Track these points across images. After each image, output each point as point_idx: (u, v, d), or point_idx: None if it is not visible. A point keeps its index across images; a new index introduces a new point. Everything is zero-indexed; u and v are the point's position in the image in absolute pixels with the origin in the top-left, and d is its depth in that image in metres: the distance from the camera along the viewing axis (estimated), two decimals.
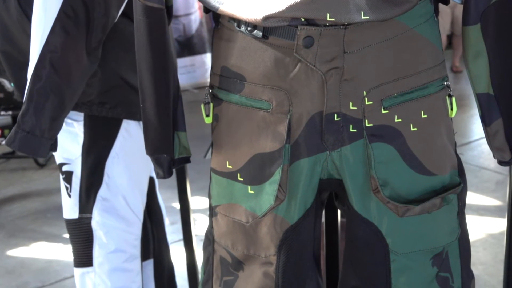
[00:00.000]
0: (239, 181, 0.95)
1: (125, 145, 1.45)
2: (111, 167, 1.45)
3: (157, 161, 1.00)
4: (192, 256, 1.73)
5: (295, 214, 0.95)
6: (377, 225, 0.93)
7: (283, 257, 0.97)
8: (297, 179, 0.92)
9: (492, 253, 2.70)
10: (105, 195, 1.45)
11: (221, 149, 0.98)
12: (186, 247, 1.72)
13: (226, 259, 1.03)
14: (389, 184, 0.90)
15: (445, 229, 0.97)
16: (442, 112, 0.94)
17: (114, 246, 1.47)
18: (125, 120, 1.43)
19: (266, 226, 0.96)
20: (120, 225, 1.47)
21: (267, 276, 0.98)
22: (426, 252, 0.96)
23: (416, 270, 0.96)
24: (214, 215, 1.03)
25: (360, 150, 0.90)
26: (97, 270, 1.48)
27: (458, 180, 0.97)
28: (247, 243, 0.98)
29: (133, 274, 1.52)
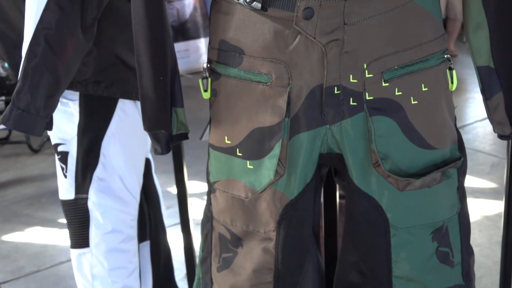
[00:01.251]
0: (238, 156, 0.94)
1: (121, 125, 1.43)
2: (107, 147, 1.43)
3: (155, 137, 0.99)
4: (189, 239, 1.72)
5: (295, 189, 0.94)
6: (377, 200, 0.93)
7: (283, 232, 0.96)
8: (297, 153, 0.92)
9: (488, 235, 2.71)
10: (101, 175, 1.44)
11: (219, 124, 0.97)
12: (183, 231, 1.71)
13: (225, 236, 1.02)
14: (389, 158, 0.90)
15: (445, 204, 0.97)
16: (443, 85, 0.93)
17: (110, 227, 1.46)
18: (121, 100, 1.42)
19: (266, 202, 0.95)
20: (117, 206, 1.46)
21: (267, 252, 0.97)
22: (427, 226, 0.95)
23: (416, 245, 0.96)
24: (212, 191, 1.03)
25: (360, 123, 0.89)
26: (94, 251, 1.47)
27: (459, 154, 0.97)
28: (246, 219, 0.98)
29: (130, 254, 1.51)
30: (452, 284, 1.00)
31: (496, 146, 3.84)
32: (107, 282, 1.48)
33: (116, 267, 1.48)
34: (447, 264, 0.99)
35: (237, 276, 1.01)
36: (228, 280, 1.02)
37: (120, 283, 1.49)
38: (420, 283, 0.97)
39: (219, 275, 1.04)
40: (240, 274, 1.00)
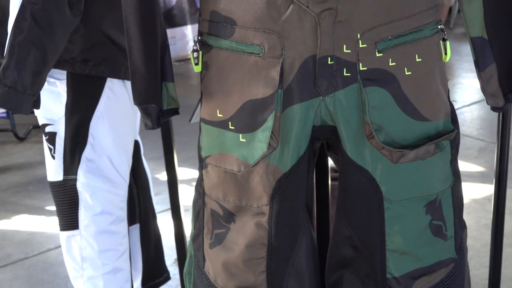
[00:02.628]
0: (230, 130, 0.93)
1: (110, 105, 1.42)
2: (95, 127, 1.41)
3: (145, 111, 0.97)
4: (180, 225, 1.70)
5: (288, 161, 0.93)
6: (371, 172, 0.92)
7: (276, 206, 0.95)
8: (290, 125, 0.91)
9: (476, 217, 2.73)
10: (90, 156, 1.42)
11: (211, 97, 0.95)
12: (173, 216, 1.69)
13: (217, 211, 1.01)
14: (383, 129, 0.89)
15: (438, 176, 0.96)
16: (436, 56, 0.93)
17: (100, 208, 1.44)
18: (109, 79, 1.40)
19: (259, 175, 0.94)
20: (106, 187, 1.45)
21: (260, 226, 0.96)
22: (420, 199, 0.95)
23: (409, 218, 0.95)
24: (204, 167, 1.01)
25: (354, 94, 0.89)
26: (83, 233, 1.45)
27: (452, 127, 0.96)
28: (239, 193, 0.96)
29: (120, 236, 1.50)
30: (445, 257, 1.00)
31: (483, 131, 3.87)
32: (97, 264, 1.47)
33: (106, 249, 1.47)
34: (441, 237, 0.98)
35: (229, 252, 1.00)
36: (220, 256, 1.01)
37: (110, 265, 1.48)
38: (413, 256, 0.97)
39: (212, 251, 1.03)
40: (233, 250, 0.99)
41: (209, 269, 1.04)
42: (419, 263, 0.97)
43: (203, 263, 1.05)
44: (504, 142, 1.62)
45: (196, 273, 1.08)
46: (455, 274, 1.01)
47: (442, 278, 1.00)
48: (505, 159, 1.66)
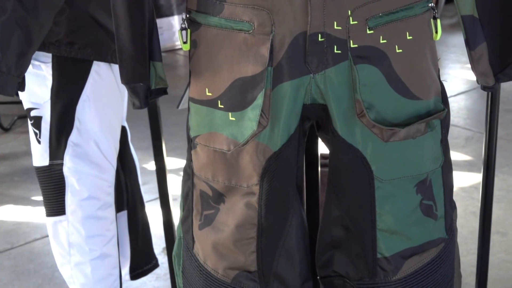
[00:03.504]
0: (220, 109, 0.92)
1: (96, 89, 1.40)
2: (82, 112, 1.40)
3: (133, 90, 0.96)
4: (169, 213, 1.68)
5: (278, 140, 0.92)
6: (362, 151, 0.91)
7: (266, 186, 0.94)
8: (280, 103, 0.90)
9: (463, 205, 2.75)
10: (76, 140, 1.40)
11: (200, 76, 0.94)
12: (162, 205, 1.67)
13: (206, 192, 1.00)
14: (374, 107, 0.88)
15: (429, 156, 0.96)
16: (427, 35, 0.92)
17: (87, 193, 1.43)
18: (96, 62, 1.38)
19: (248, 155, 0.93)
20: (93, 171, 1.43)
21: (250, 206, 0.96)
22: (411, 179, 0.95)
23: (400, 197, 0.95)
24: (193, 147, 1.00)
25: (344, 72, 0.88)
26: (70, 218, 1.44)
27: (442, 106, 0.96)
28: (228, 173, 0.95)
29: (108, 222, 1.48)
30: (435, 237, 1.00)
31: (470, 120, 3.89)
32: (84, 250, 1.45)
33: (93, 234, 1.45)
34: (431, 217, 0.98)
35: (219, 233, 0.99)
36: (210, 237, 1.00)
37: (97, 251, 1.47)
38: (404, 235, 0.97)
39: (201, 233, 1.02)
40: (223, 231, 0.98)
41: (198, 251, 1.03)
42: (410, 242, 0.97)
43: (192, 245, 1.04)
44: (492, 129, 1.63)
45: (185, 255, 1.07)
46: (446, 253, 1.01)
47: (432, 258, 0.99)
48: (493, 146, 1.67)
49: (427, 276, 1.00)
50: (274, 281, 1.00)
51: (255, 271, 0.99)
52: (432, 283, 1.00)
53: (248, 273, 0.99)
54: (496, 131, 1.64)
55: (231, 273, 1.00)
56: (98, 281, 1.48)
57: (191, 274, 1.05)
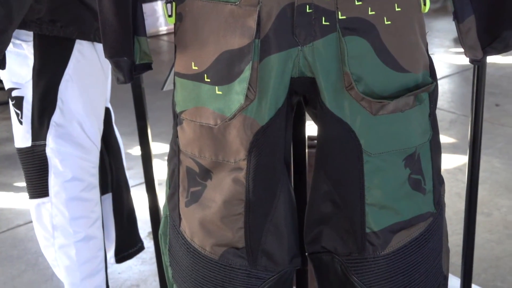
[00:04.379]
0: (206, 83, 0.90)
1: (79, 68, 1.37)
2: (64, 91, 1.37)
3: (117, 64, 0.94)
4: (154, 198, 1.66)
5: (266, 114, 0.90)
6: (350, 125, 0.90)
7: (254, 161, 0.93)
8: (268, 76, 0.88)
9: (448, 186, 2.77)
10: (59, 120, 1.38)
11: (185, 50, 0.92)
12: (148, 189, 1.65)
13: (193, 169, 0.98)
14: (363, 80, 0.87)
15: (417, 130, 0.95)
16: (416, 7, 0.91)
17: (70, 174, 1.40)
18: (78, 41, 1.36)
19: (236, 129, 0.91)
20: (77, 152, 1.41)
21: (237, 182, 0.94)
22: (399, 152, 0.94)
23: (389, 171, 0.94)
24: (179, 123, 0.98)
25: (333, 44, 0.86)
26: (54, 200, 1.41)
27: (430, 80, 0.95)
28: (215, 149, 0.94)
29: (92, 203, 1.46)
30: (424, 211, 0.99)
31: (454, 104, 3.91)
32: (68, 232, 1.43)
33: (78, 216, 1.43)
34: (419, 191, 0.98)
35: (206, 210, 0.98)
36: (197, 214, 0.99)
37: (82, 233, 1.45)
38: (392, 210, 0.96)
39: (188, 210, 1.00)
40: (210, 207, 0.97)
41: (185, 228, 1.02)
42: (398, 217, 0.97)
43: (178, 223, 1.03)
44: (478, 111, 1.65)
45: (172, 233, 1.05)
46: (434, 228, 1.01)
47: (421, 232, 0.99)
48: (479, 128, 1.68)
49: (416, 251, 0.99)
50: (262, 257, 0.99)
51: (243, 247, 0.98)
52: (420, 257, 1.00)
53: (236, 250, 0.98)
54: (482, 113, 1.65)
55: (219, 250, 0.99)
56: (83, 264, 1.46)
57: (178, 252, 1.04)
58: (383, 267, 0.98)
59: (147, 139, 1.63)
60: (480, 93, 1.59)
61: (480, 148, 1.76)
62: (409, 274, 1.00)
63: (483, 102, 1.64)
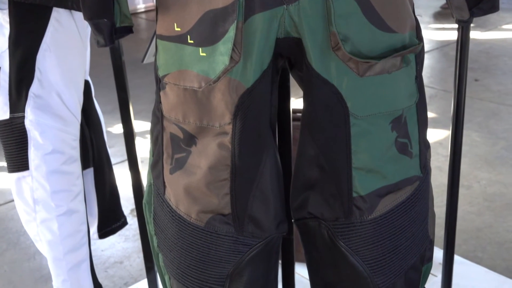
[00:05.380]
0: (190, 44, 0.88)
1: (57, 37, 1.34)
2: (42, 61, 1.34)
3: (97, 27, 0.91)
4: (137, 175, 1.64)
5: (251, 76, 0.89)
6: (337, 87, 0.89)
7: (239, 124, 0.91)
8: (253, 36, 0.86)
9: None
10: (38, 91, 1.35)
11: (167, 10, 0.90)
12: (130, 166, 1.62)
13: (176, 135, 0.96)
14: (350, 40, 0.86)
15: (404, 92, 0.94)
16: None
17: (51, 147, 1.37)
18: (55, 9, 1.32)
19: (220, 92, 0.89)
20: (56, 124, 1.37)
21: (223, 147, 0.93)
22: (386, 115, 0.93)
23: (376, 134, 0.93)
24: (162, 88, 0.96)
25: (319, 2, 0.84)
26: (34, 174, 1.39)
27: (417, 41, 0.94)
28: (200, 113, 0.92)
29: (74, 177, 1.44)
30: (410, 175, 0.99)
31: (433, 79, 3.94)
32: (50, 206, 1.41)
33: (59, 189, 1.41)
34: (406, 154, 0.97)
35: (191, 176, 0.96)
36: (182, 181, 0.97)
37: (64, 206, 1.42)
38: (379, 173, 0.95)
39: (172, 177, 0.99)
40: (195, 174, 0.95)
41: (170, 196, 1.00)
42: (385, 180, 0.96)
43: (163, 190, 1.01)
44: (461, 86, 1.66)
45: (156, 202, 1.04)
46: (420, 192, 1.01)
47: (408, 196, 0.99)
48: (462, 102, 1.70)
49: (403, 215, 0.99)
50: (248, 223, 0.98)
51: (229, 213, 0.97)
52: (407, 221, 1.00)
53: (222, 216, 0.97)
54: (465, 87, 1.67)
55: (204, 217, 0.97)
56: (66, 238, 1.44)
57: (163, 220, 1.03)
58: (370, 232, 0.98)
59: (129, 113, 1.61)
60: (463, 68, 1.60)
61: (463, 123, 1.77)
62: (396, 238, 1.00)
63: (466, 76, 1.65)
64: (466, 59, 1.62)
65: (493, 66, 4.41)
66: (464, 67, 1.64)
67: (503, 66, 4.39)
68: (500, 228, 2.58)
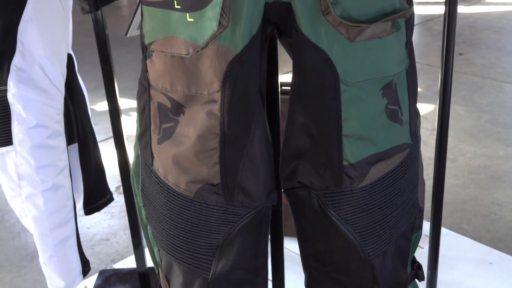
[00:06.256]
0: (176, 9, 0.86)
1: (39, 8, 1.30)
2: (24, 33, 1.30)
3: None
4: (123, 152, 1.61)
5: (240, 42, 0.87)
6: (327, 52, 0.88)
7: (228, 92, 0.89)
8: (241, 1, 0.84)
9: None
10: (20, 64, 1.32)
11: None
12: (116, 144, 1.60)
13: (164, 104, 0.95)
14: (340, 3, 0.84)
15: (394, 58, 0.93)
16: None
17: (35, 121, 1.35)
18: None
19: (209, 59, 0.88)
20: (40, 98, 1.35)
21: (211, 115, 0.91)
22: (376, 81, 0.92)
23: (366, 101, 0.92)
24: (148, 56, 0.94)
25: None
26: (18, 148, 1.36)
27: (407, 5, 0.93)
28: (188, 81, 0.90)
29: (59, 151, 1.41)
30: (401, 142, 0.98)
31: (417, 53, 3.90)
32: (35, 182, 1.39)
33: (44, 164, 1.38)
34: (396, 121, 0.96)
35: (180, 146, 0.94)
36: (170, 151, 0.96)
37: (49, 181, 1.40)
38: (370, 141, 0.95)
39: (160, 147, 0.97)
40: (183, 143, 0.94)
41: (158, 167, 0.99)
42: (376, 148, 0.95)
43: (151, 161, 1.00)
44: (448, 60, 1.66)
45: (144, 173, 1.02)
46: (411, 159, 1.00)
47: (398, 164, 0.98)
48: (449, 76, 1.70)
49: (393, 183, 0.99)
50: (238, 193, 0.97)
51: (218, 183, 0.95)
52: (398, 189, 0.99)
53: (212, 186, 0.96)
54: (452, 62, 1.67)
55: (194, 187, 0.96)
56: (52, 213, 1.42)
57: (151, 191, 1.01)
58: (360, 200, 0.97)
59: (113, 86, 1.58)
60: (451, 42, 1.61)
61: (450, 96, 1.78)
62: (386, 207, 0.99)
63: (453, 50, 1.66)
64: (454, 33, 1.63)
65: (477, 40, 4.42)
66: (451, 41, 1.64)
67: (487, 40, 4.41)
68: (485, 200, 2.60)
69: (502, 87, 3.62)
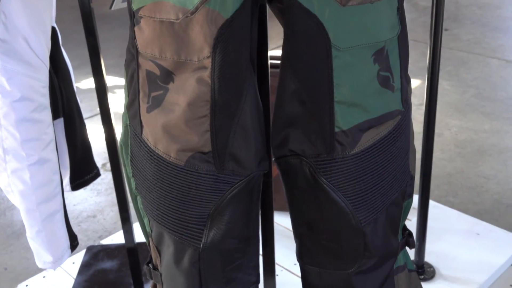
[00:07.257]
0: None
1: None
2: (7, 4, 1.27)
3: None
4: (111, 128, 1.59)
5: (230, 6, 0.85)
6: (319, 17, 0.86)
7: (219, 58, 0.88)
8: None
9: None
10: (3, 36, 1.29)
11: None
12: (103, 121, 1.57)
13: (153, 72, 0.93)
14: None
15: (386, 23, 0.92)
16: None
17: (19, 94, 1.32)
18: None
19: (199, 24, 0.86)
20: (24, 71, 1.32)
21: (201, 82, 0.90)
22: (368, 47, 0.91)
23: (358, 66, 0.91)
24: (136, 23, 0.92)
25: None
26: (3, 122, 1.34)
27: None
28: (177, 47, 0.89)
29: (44, 125, 1.39)
30: (392, 109, 0.98)
31: None
32: (21, 156, 1.37)
33: (30, 138, 1.36)
34: (388, 88, 0.96)
35: (170, 114, 0.93)
36: (160, 120, 0.94)
37: (35, 155, 1.38)
38: (361, 107, 0.94)
39: (149, 116, 0.96)
40: (173, 111, 0.93)
41: (147, 136, 0.97)
42: (367, 114, 0.95)
43: (140, 130, 0.98)
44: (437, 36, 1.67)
45: (133, 142, 1.01)
46: (402, 126, 1.00)
47: (389, 130, 0.98)
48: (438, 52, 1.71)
49: (384, 150, 0.98)
50: (229, 161, 0.96)
51: (209, 151, 0.94)
52: (389, 156, 0.99)
53: (202, 154, 0.95)
54: (441, 36, 1.68)
55: (184, 156, 0.95)
56: (38, 188, 1.40)
57: (141, 161, 1.00)
58: (352, 167, 0.97)
59: (99, 60, 1.56)
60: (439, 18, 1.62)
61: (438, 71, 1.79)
62: (378, 174, 0.99)
63: (442, 26, 1.66)
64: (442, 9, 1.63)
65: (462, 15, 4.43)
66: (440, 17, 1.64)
67: (471, 16, 4.41)
68: (471, 173, 2.62)
69: (487, 62, 3.63)
